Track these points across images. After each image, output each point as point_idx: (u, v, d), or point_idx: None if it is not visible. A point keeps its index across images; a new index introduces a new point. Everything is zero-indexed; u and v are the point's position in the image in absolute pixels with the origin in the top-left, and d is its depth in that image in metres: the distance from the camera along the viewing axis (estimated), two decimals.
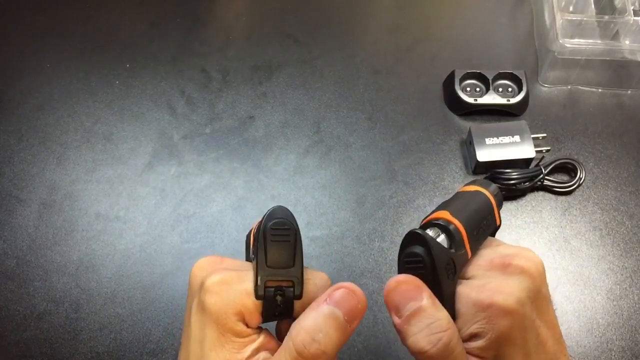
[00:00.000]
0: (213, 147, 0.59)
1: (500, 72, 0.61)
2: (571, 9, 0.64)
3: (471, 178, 0.57)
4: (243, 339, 0.30)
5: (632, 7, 0.59)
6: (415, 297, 0.28)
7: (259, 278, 0.29)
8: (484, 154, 0.54)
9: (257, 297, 0.29)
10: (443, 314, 0.28)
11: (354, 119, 0.60)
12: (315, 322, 0.28)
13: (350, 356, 0.48)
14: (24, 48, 0.66)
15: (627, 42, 0.59)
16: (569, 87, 0.63)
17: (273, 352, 0.29)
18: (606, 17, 0.60)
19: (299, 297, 0.30)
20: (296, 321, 0.29)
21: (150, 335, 0.49)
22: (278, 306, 0.30)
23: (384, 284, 0.40)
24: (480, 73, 0.61)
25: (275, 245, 0.30)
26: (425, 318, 0.28)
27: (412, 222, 0.55)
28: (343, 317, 0.28)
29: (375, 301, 0.50)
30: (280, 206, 0.31)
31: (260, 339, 0.30)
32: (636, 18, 0.59)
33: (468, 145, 0.57)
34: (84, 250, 0.53)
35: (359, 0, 0.71)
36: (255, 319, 0.30)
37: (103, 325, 0.49)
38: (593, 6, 0.63)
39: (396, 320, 0.29)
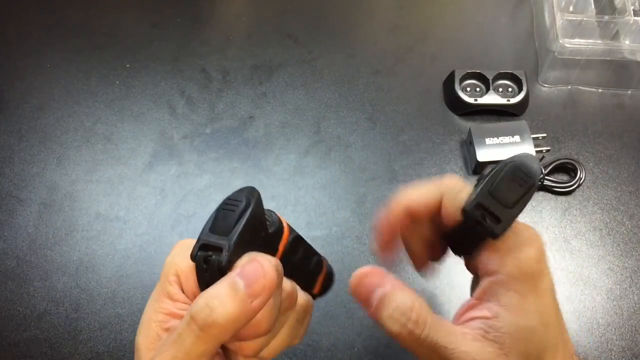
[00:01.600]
0: (213, 147, 0.59)
1: (500, 72, 0.61)
2: (571, 9, 0.64)
3: (471, 178, 0.57)
4: (173, 303, 0.29)
5: (632, 7, 0.59)
6: (380, 284, 0.29)
7: (198, 238, 0.29)
8: (484, 154, 0.54)
9: (191, 257, 0.28)
10: (406, 294, 0.28)
11: (354, 119, 0.60)
12: (215, 290, 0.26)
13: (350, 356, 0.48)
14: (24, 48, 0.66)
15: (627, 42, 0.59)
16: (569, 87, 0.63)
17: None
18: (606, 17, 0.60)
19: (224, 267, 0.27)
20: None
21: None
22: (205, 272, 0.28)
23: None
24: (480, 73, 0.61)
25: (220, 213, 0.29)
26: (391, 302, 0.28)
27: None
28: (245, 288, 0.26)
29: None
30: (251, 187, 0.31)
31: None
32: (636, 18, 0.59)
33: (468, 145, 0.57)
34: (84, 250, 0.53)
35: (359, 0, 0.71)
36: (190, 285, 0.29)
37: (103, 325, 0.49)
38: (593, 6, 0.63)
39: (369, 312, 0.29)
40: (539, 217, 0.55)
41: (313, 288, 0.37)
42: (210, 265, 0.27)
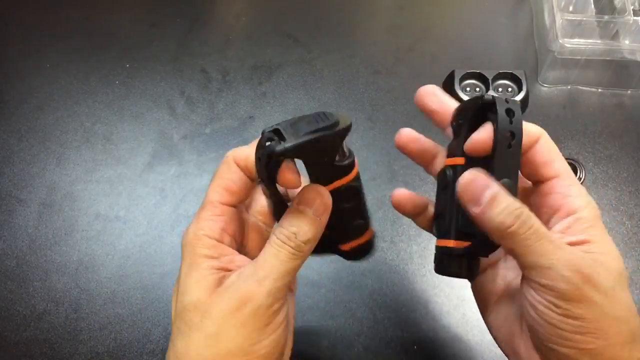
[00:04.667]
0: (213, 147, 0.59)
1: (500, 72, 0.60)
2: (571, 8, 0.64)
3: None
4: (219, 259, 0.32)
5: (632, 7, 0.59)
6: (489, 186, 0.31)
7: (278, 123, 0.31)
8: None
9: (262, 132, 0.31)
10: (514, 197, 0.31)
11: (354, 119, 0.60)
12: (289, 220, 0.32)
13: (350, 356, 0.48)
14: (24, 48, 0.66)
15: (626, 42, 0.59)
16: (569, 87, 0.63)
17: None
18: (606, 17, 0.60)
19: (274, 153, 0.30)
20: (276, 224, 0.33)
21: (150, 335, 0.49)
22: (261, 149, 0.31)
23: (384, 284, 0.40)
24: (480, 73, 0.61)
25: (309, 117, 0.32)
26: (502, 201, 0.30)
27: (412, 222, 0.55)
28: (312, 212, 0.32)
29: (375, 301, 0.50)
30: (349, 118, 0.33)
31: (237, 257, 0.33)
32: (636, 18, 0.59)
33: None
34: (84, 250, 0.53)
35: (359, 0, 0.71)
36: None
37: (103, 325, 0.49)
38: (593, 6, 0.63)
39: (476, 210, 0.31)
40: None
41: (343, 244, 0.37)
42: (266, 148, 0.30)
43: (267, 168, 0.31)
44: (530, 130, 0.34)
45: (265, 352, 0.30)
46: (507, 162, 0.32)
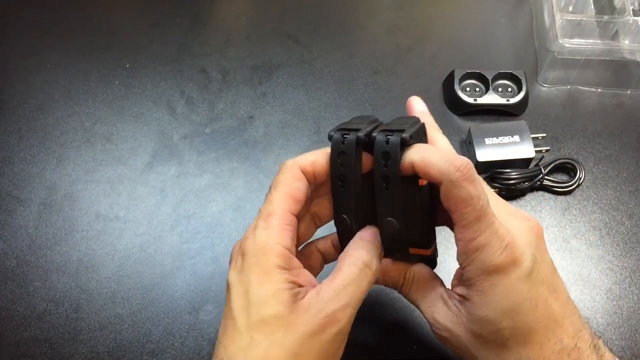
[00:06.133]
0: (213, 147, 0.59)
1: (499, 72, 0.61)
2: (570, 9, 0.64)
3: None
4: (290, 271, 0.32)
5: (631, 7, 0.59)
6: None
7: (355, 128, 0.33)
8: (483, 154, 0.54)
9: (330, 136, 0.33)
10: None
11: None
12: (367, 247, 0.33)
13: (350, 356, 0.48)
14: (24, 48, 0.66)
15: (626, 42, 0.59)
16: (569, 87, 0.63)
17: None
18: (605, 17, 0.60)
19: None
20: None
21: (150, 335, 0.49)
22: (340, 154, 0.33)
23: (384, 284, 0.40)
24: (479, 73, 0.61)
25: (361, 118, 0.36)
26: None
27: None
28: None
29: (375, 301, 0.50)
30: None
31: (306, 274, 0.34)
32: (635, 18, 0.59)
33: (467, 145, 0.57)
34: (84, 250, 0.53)
35: (359, 0, 0.71)
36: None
37: (103, 325, 0.49)
38: (592, 6, 0.63)
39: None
40: (539, 217, 0.55)
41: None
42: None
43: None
44: (433, 174, 0.31)
45: None
46: (389, 202, 0.32)
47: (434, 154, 0.32)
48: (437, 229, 0.39)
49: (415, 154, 0.32)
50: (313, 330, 0.30)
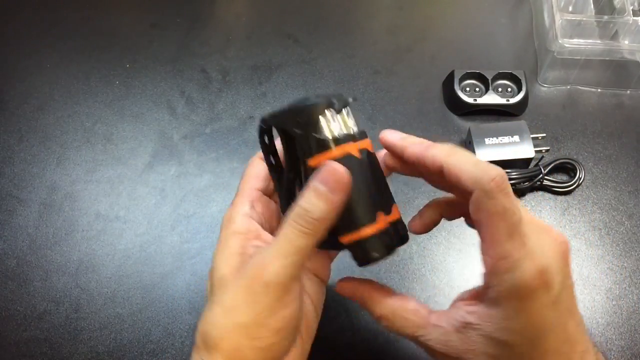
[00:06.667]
0: (213, 147, 0.59)
1: (499, 72, 0.61)
2: (570, 9, 0.64)
3: None
4: (244, 237, 0.35)
5: (631, 7, 0.59)
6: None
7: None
8: (483, 154, 0.54)
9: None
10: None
11: (354, 119, 0.60)
12: (304, 198, 0.32)
13: (350, 356, 0.48)
14: (24, 48, 0.66)
15: (626, 42, 0.59)
16: (568, 87, 0.63)
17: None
18: (605, 17, 0.60)
19: (265, 121, 0.36)
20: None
21: (150, 335, 0.49)
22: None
23: (384, 283, 0.40)
24: (479, 73, 0.61)
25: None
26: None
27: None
28: (327, 190, 0.32)
29: None
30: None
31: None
32: (635, 18, 0.59)
33: (467, 145, 0.57)
34: (84, 250, 0.53)
35: (359, 0, 0.71)
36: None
37: (103, 325, 0.49)
38: (592, 6, 0.64)
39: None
40: (539, 216, 0.55)
41: (341, 234, 0.34)
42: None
43: (262, 141, 0.36)
44: (464, 181, 0.31)
45: (278, 326, 0.32)
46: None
47: (467, 159, 0.30)
48: (437, 228, 0.39)
49: (446, 156, 0.31)
50: (242, 285, 0.32)
